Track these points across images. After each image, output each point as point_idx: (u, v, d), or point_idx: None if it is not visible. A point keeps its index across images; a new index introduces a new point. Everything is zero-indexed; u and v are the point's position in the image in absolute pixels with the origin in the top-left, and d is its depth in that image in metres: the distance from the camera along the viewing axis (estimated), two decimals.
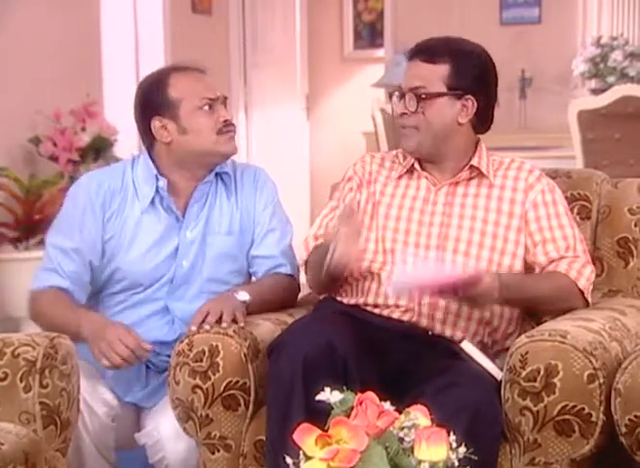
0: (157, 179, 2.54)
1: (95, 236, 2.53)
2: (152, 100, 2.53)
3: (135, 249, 2.54)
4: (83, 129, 4.88)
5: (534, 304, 2.41)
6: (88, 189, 2.56)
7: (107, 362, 2.35)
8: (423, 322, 2.39)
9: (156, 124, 2.53)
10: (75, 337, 2.36)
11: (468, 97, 2.41)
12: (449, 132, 2.43)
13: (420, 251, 2.42)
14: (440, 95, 2.40)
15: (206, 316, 2.35)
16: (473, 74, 2.42)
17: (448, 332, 2.38)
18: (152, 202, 2.55)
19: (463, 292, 2.22)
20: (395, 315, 2.40)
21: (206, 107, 2.51)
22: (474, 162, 2.46)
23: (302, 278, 2.60)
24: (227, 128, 2.54)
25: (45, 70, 5.07)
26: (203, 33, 6.86)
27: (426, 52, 2.41)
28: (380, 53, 7.77)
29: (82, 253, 2.53)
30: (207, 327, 2.33)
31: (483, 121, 2.48)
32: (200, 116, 2.51)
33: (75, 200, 2.57)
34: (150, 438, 2.45)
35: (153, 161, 2.57)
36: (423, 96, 2.39)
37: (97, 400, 2.42)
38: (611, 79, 6.12)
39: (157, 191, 2.54)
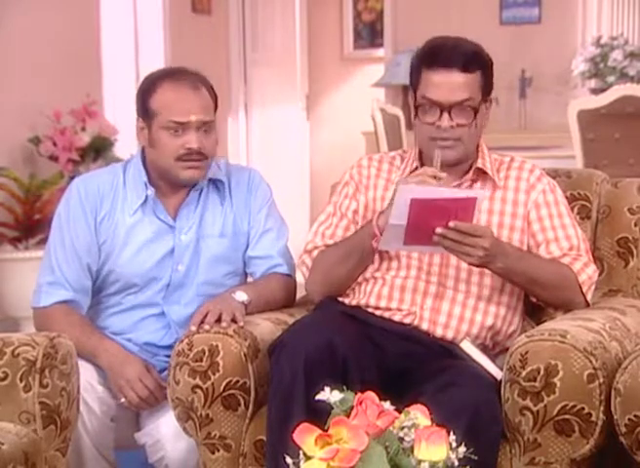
0: (146, 187, 2.53)
1: (89, 240, 2.53)
2: (139, 101, 2.51)
3: (127, 250, 2.53)
4: (83, 128, 4.88)
5: (534, 285, 2.36)
6: (78, 194, 2.55)
7: (125, 401, 2.44)
8: (425, 325, 2.38)
9: (138, 124, 2.52)
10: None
11: (489, 98, 2.42)
12: (480, 137, 2.44)
13: (424, 256, 2.41)
14: (481, 102, 2.38)
15: (205, 316, 2.35)
16: (491, 75, 2.42)
17: (450, 336, 2.38)
18: (142, 206, 2.54)
19: (456, 216, 2.17)
20: (396, 318, 2.40)
21: (172, 131, 2.45)
22: (479, 164, 2.45)
23: (299, 278, 2.60)
24: (188, 156, 2.46)
25: (45, 70, 5.07)
26: (203, 33, 6.87)
27: (458, 60, 2.33)
28: (379, 52, 7.77)
29: (80, 258, 2.53)
30: (206, 327, 2.33)
31: None
32: (164, 137, 2.46)
33: (67, 205, 2.57)
34: (150, 437, 2.45)
35: (145, 162, 2.56)
36: (476, 107, 2.35)
37: (95, 399, 2.42)
38: (611, 79, 6.11)
39: (146, 198, 2.54)
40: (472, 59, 2.35)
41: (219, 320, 2.34)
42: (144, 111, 2.49)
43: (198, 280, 2.56)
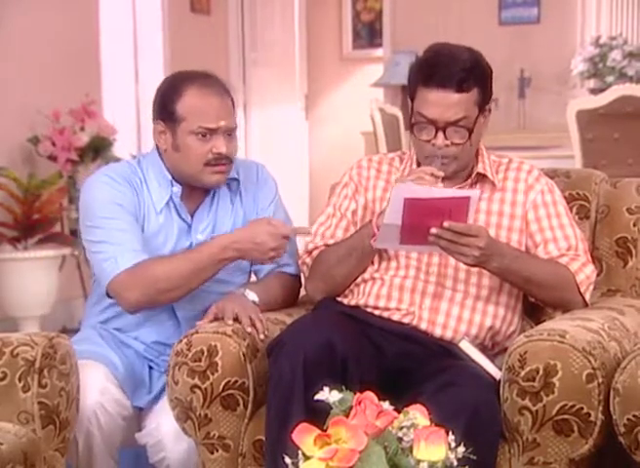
0: (172, 185, 2.52)
1: (133, 212, 2.48)
2: (162, 104, 2.49)
3: (150, 248, 2.48)
4: (82, 128, 4.88)
5: (530, 285, 2.36)
6: (108, 180, 2.49)
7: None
8: (423, 325, 2.38)
9: (158, 127, 2.50)
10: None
11: (488, 107, 2.41)
12: (478, 144, 2.44)
13: (423, 256, 2.41)
14: (477, 118, 2.36)
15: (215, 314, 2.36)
16: (490, 84, 2.41)
17: (448, 336, 2.38)
18: (167, 205, 2.53)
19: (450, 216, 2.18)
20: (395, 317, 2.40)
21: (200, 136, 2.45)
22: (480, 169, 2.45)
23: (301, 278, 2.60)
24: (217, 161, 2.46)
25: (44, 70, 5.07)
26: (202, 33, 6.87)
27: (454, 80, 2.32)
28: (378, 52, 7.78)
29: (134, 227, 2.47)
30: (230, 322, 2.32)
31: None
32: (193, 141, 2.45)
33: (102, 193, 2.48)
34: (151, 438, 2.44)
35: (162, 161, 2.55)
36: (470, 126, 2.34)
37: (110, 400, 2.40)
38: (609, 79, 6.11)
39: (170, 197, 2.53)
40: (469, 77, 2.33)
41: (235, 320, 2.34)
42: (167, 114, 2.47)
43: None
